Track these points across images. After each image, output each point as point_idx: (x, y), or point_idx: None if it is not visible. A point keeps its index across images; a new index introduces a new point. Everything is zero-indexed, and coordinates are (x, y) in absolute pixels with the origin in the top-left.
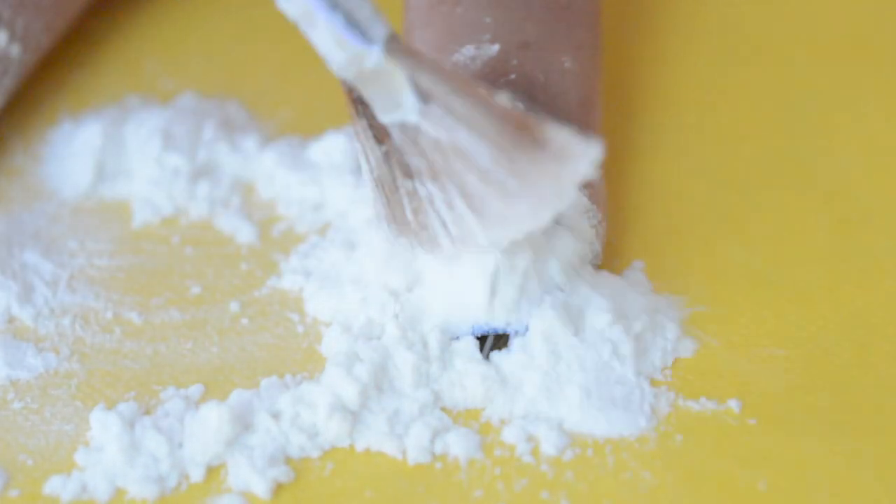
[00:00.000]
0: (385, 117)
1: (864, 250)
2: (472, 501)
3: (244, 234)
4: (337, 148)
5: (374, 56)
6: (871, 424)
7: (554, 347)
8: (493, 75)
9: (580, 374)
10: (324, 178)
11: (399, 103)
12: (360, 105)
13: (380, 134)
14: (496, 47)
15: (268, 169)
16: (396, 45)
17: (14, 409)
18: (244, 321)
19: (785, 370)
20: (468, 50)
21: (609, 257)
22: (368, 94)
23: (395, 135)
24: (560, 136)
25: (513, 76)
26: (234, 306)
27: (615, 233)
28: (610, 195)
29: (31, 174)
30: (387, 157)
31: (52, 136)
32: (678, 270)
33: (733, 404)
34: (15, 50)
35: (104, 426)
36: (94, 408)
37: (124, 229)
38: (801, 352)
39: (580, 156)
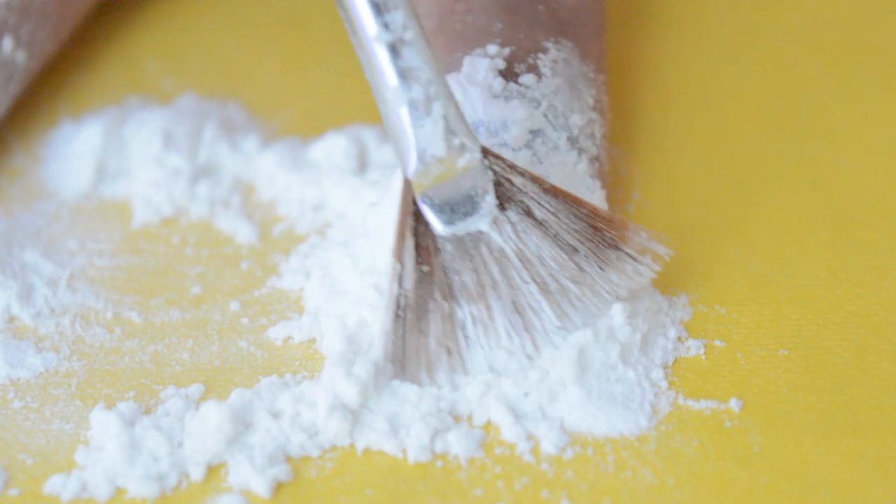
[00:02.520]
0: (447, 229)
1: (864, 250)
2: (472, 500)
3: (244, 234)
4: (337, 148)
5: (470, 154)
6: (871, 424)
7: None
8: None
9: (581, 373)
10: (324, 179)
11: (474, 208)
12: (415, 221)
13: (424, 254)
14: (507, 50)
15: (268, 169)
16: (488, 150)
17: (14, 409)
18: (244, 321)
19: (785, 370)
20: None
21: None
22: (437, 201)
23: (448, 250)
24: (640, 235)
25: None
26: (234, 306)
27: None
28: (610, 196)
29: (32, 174)
30: (427, 277)
31: (53, 136)
32: (678, 270)
33: (733, 404)
34: (20, 56)
35: (104, 425)
36: (94, 407)
37: (124, 229)
38: (801, 352)
39: (657, 255)
